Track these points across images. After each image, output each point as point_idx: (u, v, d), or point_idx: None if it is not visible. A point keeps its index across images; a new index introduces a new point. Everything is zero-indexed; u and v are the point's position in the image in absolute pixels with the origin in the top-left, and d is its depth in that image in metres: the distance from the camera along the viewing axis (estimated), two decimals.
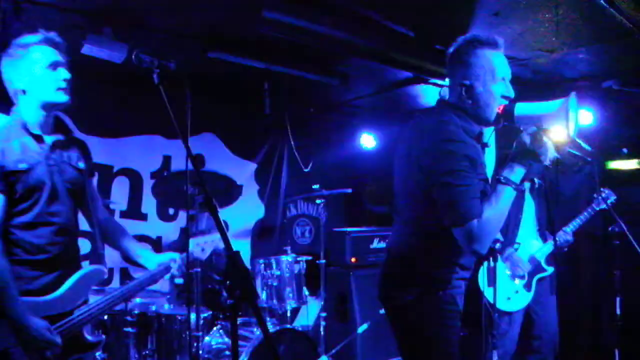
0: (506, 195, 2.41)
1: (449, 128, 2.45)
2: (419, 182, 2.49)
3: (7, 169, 2.50)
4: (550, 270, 4.59)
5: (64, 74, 2.68)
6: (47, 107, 2.66)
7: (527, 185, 4.70)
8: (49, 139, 2.69)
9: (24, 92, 2.62)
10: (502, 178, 2.43)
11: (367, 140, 7.24)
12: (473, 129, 2.55)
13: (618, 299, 4.34)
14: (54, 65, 2.66)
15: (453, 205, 2.33)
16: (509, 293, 4.44)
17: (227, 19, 4.22)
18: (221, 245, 3.27)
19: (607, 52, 4.80)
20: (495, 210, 2.38)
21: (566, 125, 2.36)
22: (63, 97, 2.66)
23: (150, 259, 3.06)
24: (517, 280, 4.48)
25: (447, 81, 3.21)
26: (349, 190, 5.73)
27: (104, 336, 2.82)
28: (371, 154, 7.28)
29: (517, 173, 2.45)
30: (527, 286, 4.51)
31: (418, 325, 2.56)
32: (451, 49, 2.64)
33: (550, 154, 2.43)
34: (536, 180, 4.55)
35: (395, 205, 2.72)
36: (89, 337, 2.69)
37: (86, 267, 2.79)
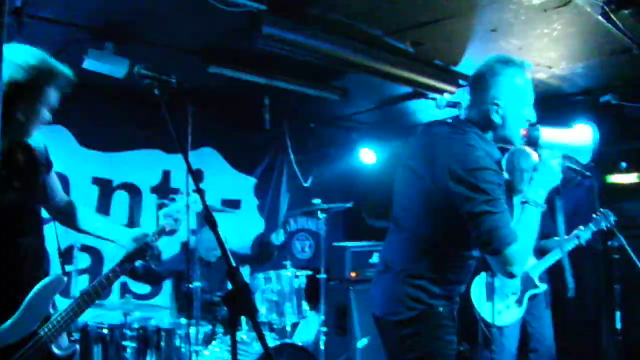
0: (535, 216, 2.46)
1: (480, 154, 2.42)
2: (432, 202, 2.48)
3: None
4: (543, 287, 4.59)
5: None
6: None
7: (517, 199, 4.74)
8: None
9: None
10: (530, 201, 2.46)
11: (367, 155, 7.26)
12: (496, 155, 2.55)
13: (618, 314, 4.33)
14: None
15: (493, 233, 2.32)
16: (500, 307, 4.45)
17: (227, 35, 4.25)
18: (197, 207, 3.12)
19: (604, 66, 4.83)
20: (528, 233, 2.41)
21: (589, 156, 2.50)
22: None
23: (122, 234, 2.80)
24: (509, 295, 4.49)
25: (447, 96, 3.24)
26: (349, 205, 5.73)
27: (77, 346, 2.58)
28: (371, 169, 7.29)
29: (542, 195, 2.49)
30: (519, 302, 4.52)
31: (417, 341, 2.54)
32: (483, 68, 2.61)
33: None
34: None
35: (394, 217, 2.70)
36: (58, 352, 2.46)
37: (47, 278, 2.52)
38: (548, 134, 2.53)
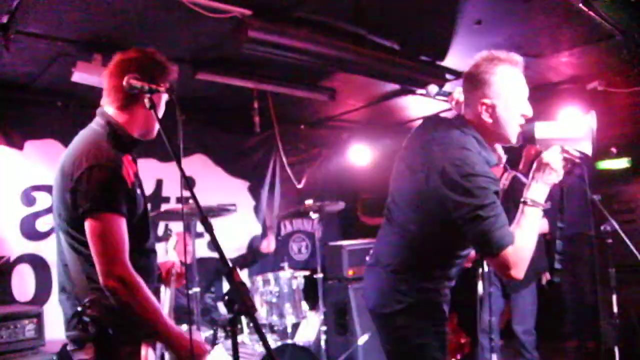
0: (534, 216, 2.40)
1: (475, 160, 2.39)
2: (423, 202, 2.48)
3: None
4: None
5: None
6: None
7: None
8: None
9: None
10: (529, 201, 2.40)
11: (359, 153, 7.29)
12: (491, 159, 2.53)
13: (614, 297, 4.38)
14: None
15: (485, 237, 2.31)
16: None
17: (214, 41, 4.27)
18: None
19: (589, 54, 4.87)
20: (528, 234, 2.36)
21: (590, 147, 2.41)
22: None
23: None
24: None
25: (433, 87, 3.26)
26: (340, 204, 5.75)
27: None
28: (363, 167, 7.32)
29: (542, 194, 2.43)
30: None
31: (408, 333, 2.57)
32: (472, 67, 2.55)
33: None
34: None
35: (387, 209, 2.72)
36: None
37: None
38: (544, 129, 2.47)
